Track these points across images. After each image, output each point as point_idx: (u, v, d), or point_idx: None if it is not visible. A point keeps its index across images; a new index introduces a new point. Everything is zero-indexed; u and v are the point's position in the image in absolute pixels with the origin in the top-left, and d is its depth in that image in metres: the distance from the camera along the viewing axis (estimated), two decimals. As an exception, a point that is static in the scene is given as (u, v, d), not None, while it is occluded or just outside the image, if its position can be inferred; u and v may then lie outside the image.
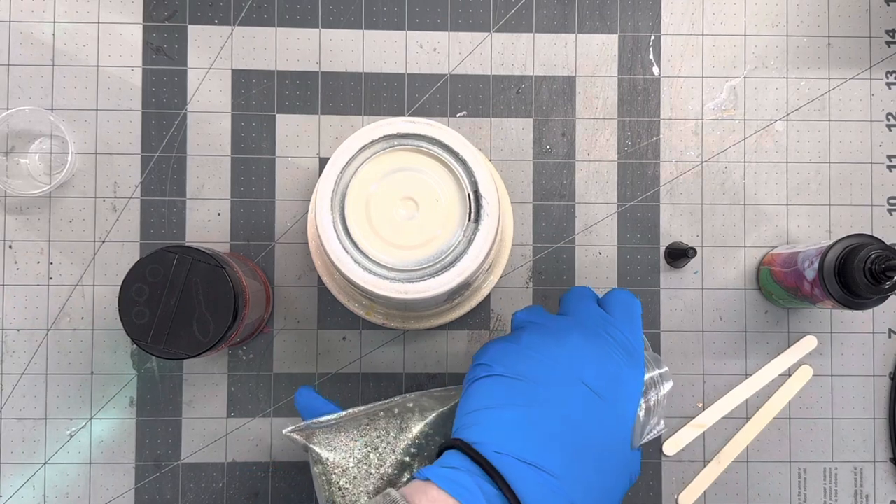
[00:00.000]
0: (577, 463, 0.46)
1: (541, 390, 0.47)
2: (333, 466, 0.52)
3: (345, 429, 0.53)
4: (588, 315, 0.52)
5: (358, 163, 0.51)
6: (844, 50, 0.66)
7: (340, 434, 0.53)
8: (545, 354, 0.49)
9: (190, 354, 0.52)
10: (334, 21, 0.65)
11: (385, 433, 0.53)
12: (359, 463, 0.52)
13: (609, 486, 0.48)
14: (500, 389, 0.48)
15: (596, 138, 0.65)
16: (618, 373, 0.49)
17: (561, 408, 0.47)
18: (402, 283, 0.50)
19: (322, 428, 0.53)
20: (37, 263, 0.63)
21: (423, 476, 0.45)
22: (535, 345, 0.49)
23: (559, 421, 0.46)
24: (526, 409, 0.47)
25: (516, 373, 0.48)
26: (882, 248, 0.54)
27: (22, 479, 0.63)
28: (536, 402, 0.47)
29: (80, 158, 0.64)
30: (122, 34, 0.64)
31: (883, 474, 0.65)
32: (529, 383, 0.47)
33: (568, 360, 0.48)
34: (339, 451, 0.52)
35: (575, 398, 0.47)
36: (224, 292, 0.52)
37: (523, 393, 0.47)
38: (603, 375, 0.48)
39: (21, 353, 0.63)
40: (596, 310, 0.52)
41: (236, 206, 0.64)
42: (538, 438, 0.46)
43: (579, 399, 0.47)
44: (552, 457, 0.45)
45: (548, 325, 0.51)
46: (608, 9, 0.66)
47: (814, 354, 0.65)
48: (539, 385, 0.47)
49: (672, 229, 0.65)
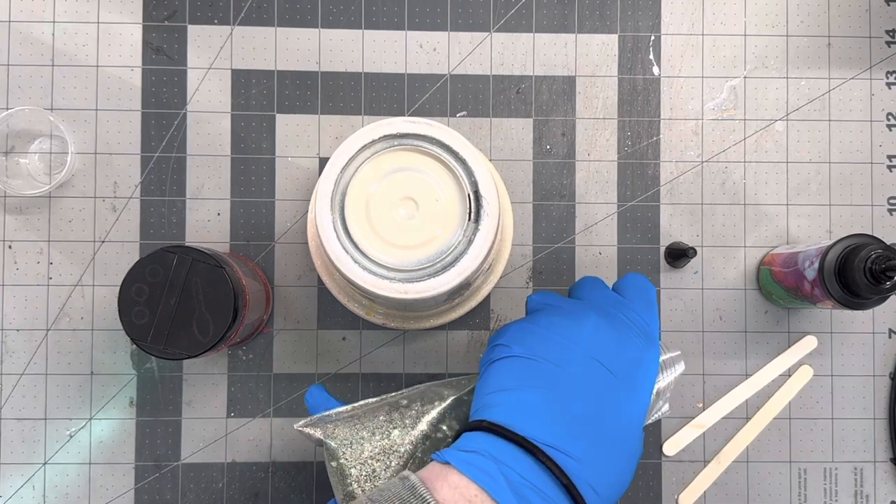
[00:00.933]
0: (597, 446, 0.45)
1: (560, 372, 0.47)
2: (350, 460, 0.52)
3: (359, 421, 0.52)
4: (604, 298, 0.51)
5: (358, 163, 0.51)
6: (844, 50, 0.66)
7: (355, 427, 0.52)
8: (564, 336, 0.48)
9: (190, 354, 0.52)
10: (334, 21, 0.65)
11: (401, 423, 0.52)
12: (376, 455, 0.52)
13: (622, 469, 0.47)
14: (520, 370, 0.47)
15: (596, 138, 0.65)
16: (635, 355, 0.48)
17: (581, 389, 0.46)
18: (402, 283, 0.50)
19: (334, 422, 0.53)
20: (36, 263, 0.63)
21: (442, 459, 0.44)
22: (554, 326, 0.49)
23: (580, 403, 0.46)
24: (547, 391, 0.46)
25: (535, 354, 0.47)
26: (882, 248, 0.54)
27: (22, 479, 0.63)
28: (557, 384, 0.46)
29: (79, 158, 0.64)
30: (122, 34, 0.64)
31: (883, 474, 0.65)
32: (549, 364, 0.47)
33: (587, 342, 0.48)
34: (354, 444, 0.52)
35: (594, 380, 0.47)
36: (224, 292, 0.52)
37: (543, 374, 0.47)
38: (621, 357, 0.48)
39: (21, 353, 0.63)
40: (611, 293, 0.52)
41: (236, 206, 0.64)
42: (561, 421, 0.45)
43: (599, 381, 0.47)
44: (574, 441, 0.45)
45: (564, 307, 0.50)
46: (608, 9, 0.66)
47: (814, 354, 0.65)
48: (559, 366, 0.47)
49: (672, 229, 0.65)
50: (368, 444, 0.52)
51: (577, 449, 0.45)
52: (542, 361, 0.47)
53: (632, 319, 0.50)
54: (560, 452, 0.44)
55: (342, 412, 0.52)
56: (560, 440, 0.44)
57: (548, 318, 0.50)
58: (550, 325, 0.49)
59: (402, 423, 0.52)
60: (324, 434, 0.52)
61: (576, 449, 0.44)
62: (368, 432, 0.52)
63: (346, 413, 0.53)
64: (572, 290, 0.54)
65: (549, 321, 0.49)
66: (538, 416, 0.45)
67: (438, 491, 0.42)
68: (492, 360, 0.49)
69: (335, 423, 0.52)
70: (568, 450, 0.44)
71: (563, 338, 0.48)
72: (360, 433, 0.52)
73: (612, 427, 0.46)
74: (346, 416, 0.53)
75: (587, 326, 0.48)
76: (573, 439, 0.45)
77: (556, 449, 0.44)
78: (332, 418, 0.53)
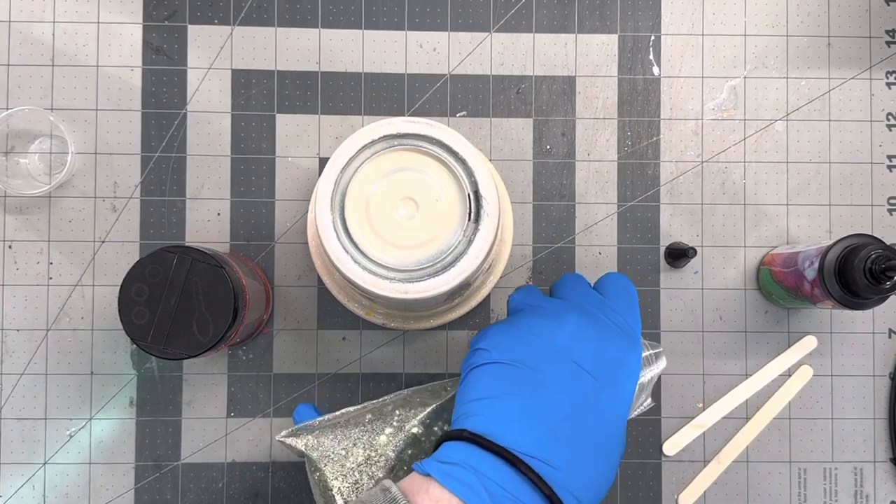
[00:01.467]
0: (579, 452, 0.46)
1: (541, 377, 0.47)
2: (333, 471, 0.52)
3: (340, 430, 0.52)
4: (585, 298, 0.51)
5: (358, 163, 0.51)
6: (844, 50, 0.66)
7: (335, 437, 0.52)
8: (544, 338, 0.48)
9: (190, 354, 0.52)
10: (334, 21, 0.65)
11: (381, 433, 0.52)
12: (357, 466, 0.51)
13: (604, 471, 0.47)
14: (500, 377, 0.47)
15: (596, 138, 0.65)
16: (617, 356, 0.48)
17: (562, 394, 0.46)
18: (402, 283, 0.49)
19: (316, 431, 0.52)
20: (37, 263, 0.63)
21: (422, 470, 0.44)
22: (534, 328, 0.49)
23: (561, 409, 0.46)
24: (526, 398, 0.46)
25: (516, 359, 0.47)
26: (882, 248, 0.54)
27: (22, 479, 0.63)
28: (537, 391, 0.46)
29: (79, 158, 0.64)
30: (122, 34, 0.64)
31: (883, 474, 0.65)
32: (529, 370, 0.47)
33: (567, 344, 0.48)
34: (335, 455, 0.52)
35: (575, 384, 0.47)
36: (224, 292, 0.52)
37: (524, 381, 0.47)
38: (603, 358, 0.48)
39: (21, 353, 0.63)
40: (592, 293, 0.52)
41: (236, 206, 0.64)
42: (541, 430, 0.45)
43: (579, 385, 0.47)
44: (556, 450, 0.45)
45: (545, 307, 0.50)
46: (608, 9, 0.66)
47: (814, 354, 0.65)
48: (539, 371, 0.47)
49: (672, 229, 0.65)
50: (351, 454, 0.52)
51: (558, 457, 0.45)
52: (522, 367, 0.47)
53: (613, 320, 0.50)
54: (541, 462, 0.44)
55: (325, 420, 0.52)
56: (541, 449, 0.45)
57: (528, 319, 0.49)
58: (530, 327, 0.49)
59: (385, 431, 0.52)
60: (305, 446, 0.52)
61: (557, 457, 0.45)
62: (351, 442, 0.52)
63: (329, 421, 0.52)
64: (554, 287, 0.54)
65: (529, 323, 0.49)
66: (518, 425, 0.45)
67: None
68: (472, 365, 0.49)
69: (318, 433, 0.52)
70: (549, 459, 0.45)
71: (544, 340, 0.48)
72: (342, 443, 0.52)
73: (593, 431, 0.46)
74: (329, 424, 0.52)
75: (567, 328, 0.48)
76: (554, 447, 0.45)
77: (537, 459, 0.44)
78: (314, 427, 0.52)
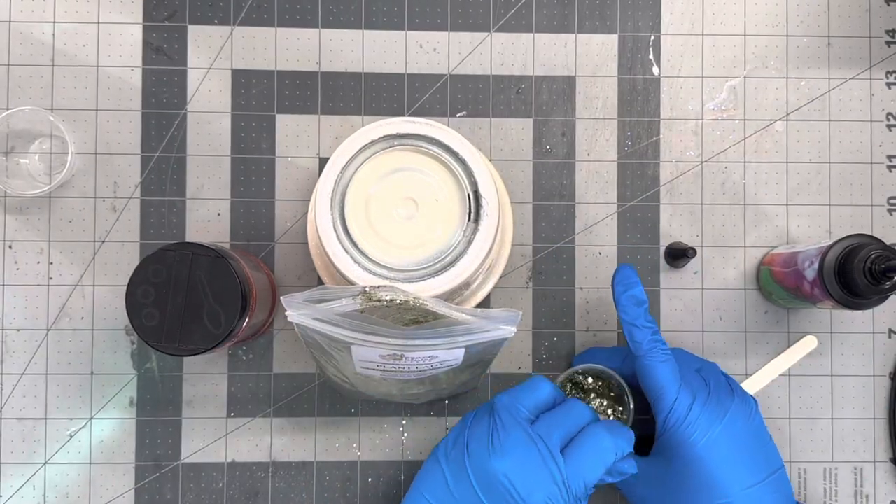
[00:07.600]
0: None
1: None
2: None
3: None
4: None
5: (358, 163, 0.51)
6: (844, 50, 0.66)
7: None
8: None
9: (207, 348, 0.51)
10: (334, 21, 0.65)
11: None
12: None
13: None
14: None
15: (596, 138, 0.65)
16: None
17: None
18: (402, 283, 0.50)
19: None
20: (37, 263, 0.63)
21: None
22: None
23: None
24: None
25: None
26: (882, 248, 0.54)
27: (22, 479, 0.63)
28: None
29: (79, 158, 0.64)
30: (122, 34, 0.64)
31: (883, 474, 0.65)
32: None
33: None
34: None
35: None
36: (229, 281, 0.51)
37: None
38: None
39: (21, 353, 0.63)
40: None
41: (236, 206, 0.64)
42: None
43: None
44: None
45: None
46: (608, 9, 0.66)
47: (814, 354, 0.65)
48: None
49: (672, 229, 0.65)
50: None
51: None
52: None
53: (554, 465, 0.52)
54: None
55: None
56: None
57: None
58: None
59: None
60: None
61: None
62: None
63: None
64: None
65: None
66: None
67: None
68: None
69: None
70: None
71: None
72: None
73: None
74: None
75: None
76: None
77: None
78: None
